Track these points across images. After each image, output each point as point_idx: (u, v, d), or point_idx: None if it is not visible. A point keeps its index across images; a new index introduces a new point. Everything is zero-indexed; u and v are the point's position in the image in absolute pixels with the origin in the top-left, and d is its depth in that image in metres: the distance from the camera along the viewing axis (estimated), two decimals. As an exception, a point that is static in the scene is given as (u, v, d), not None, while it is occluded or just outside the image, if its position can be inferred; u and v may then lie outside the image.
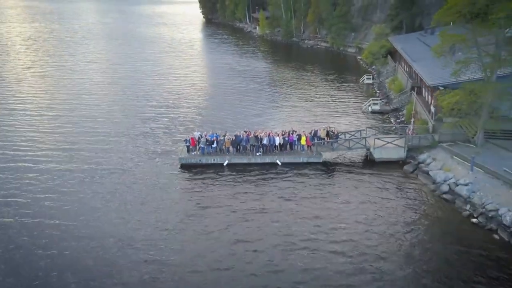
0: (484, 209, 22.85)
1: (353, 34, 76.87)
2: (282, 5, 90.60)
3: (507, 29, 29.83)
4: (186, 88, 52.76)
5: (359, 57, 68.82)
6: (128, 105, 44.90)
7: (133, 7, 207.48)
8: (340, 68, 64.40)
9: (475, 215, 22.86)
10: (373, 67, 60.66)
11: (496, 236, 21.25)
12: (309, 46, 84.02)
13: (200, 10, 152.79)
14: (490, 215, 22.41)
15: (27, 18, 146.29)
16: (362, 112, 41.76)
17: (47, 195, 25.76)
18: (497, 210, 22.36)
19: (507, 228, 21.26)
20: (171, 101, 46.37)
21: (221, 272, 18.89)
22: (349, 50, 75.36)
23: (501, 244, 20.71)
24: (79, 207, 24.52)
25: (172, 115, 41.49)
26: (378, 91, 49.14)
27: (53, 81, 55.29)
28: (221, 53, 78.15)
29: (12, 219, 23.20)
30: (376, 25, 65.85)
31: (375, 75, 56.45)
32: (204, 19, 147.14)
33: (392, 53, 56.86)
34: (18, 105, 44.62)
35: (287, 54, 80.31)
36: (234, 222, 22.87)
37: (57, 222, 22.94)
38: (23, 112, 42.40)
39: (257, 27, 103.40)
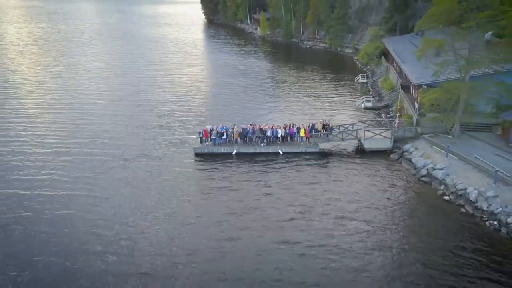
0: (455, 189, 27.05)
1: (350, 35, 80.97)
2: (282, 7, 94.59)
3: (486, 33, 34.37)
4: (194, 86, 56.93)
5: (355, 57, 72.97)
6: (143, 102, 48.99)
7: (133, 7, 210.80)
8: (337, 67, 68.51)
9: (447, 194, 27.08)
10: (368, 67, 64.75)
11: (463, 210, 25.45)
12: (308, 46, 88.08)
13: (202, 11, 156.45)
14: (459, 194, 26.61)
15: (33, 18, 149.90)
16: (356, 108, 45.93)
17: (79, 179, 29.92)
18: (465, 189, 26.56)
19: (472, 203, 25.45)
20: (182, 98, 50.55)
21: (238, 235, 23.05)
22: (346, 50, 79.43)
23: (466, 215, 24.93)
24: (110, 188, 28.67)
25: (184, 110, 45.67)
26: (371, 89, 53.31)
27: (71, 80, 59.31)
28: (224, 53, 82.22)
29: (53, 192, 27.37)
30: (371, 27, 70.05)
31: (370, 75, 60.58)
32: (205, 20, 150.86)
33: (386, 54, 60.86)
34: (44, 102, 48.65)
35: (287, 54, 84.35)
36: (243, 200, 27.02)
37: (91, 199, 27.12)
38: (50, 108, 46.44)
39: (258, 28, 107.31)
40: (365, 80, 57.38)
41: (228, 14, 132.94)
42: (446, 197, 26.85)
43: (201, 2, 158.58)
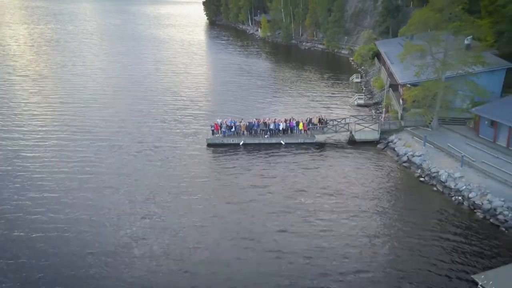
0: (429, 172, 32.12)
1: (346, 37, 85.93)
2: (282, 10, 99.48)
3: (466, 38, 39.40)
4: (203, 84, 62.02)
5: (351, 58, 77.99)
6: (158, 99, 53.97)
7: (135, 7, 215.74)
8: (334, 68, 73.50)
9: (423, 176, 32.16)
10: (362, 67, 69.76)
11: (435, 189, 30.54)
12: (306, 48, 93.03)
13: (204, 12, 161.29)
14: (433, 175, 31.67)
15: (41, 19, 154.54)
16: (349, 105, 50.95)
17: (114, 160, 34.96)
18: (437, 172, 31.62)
19: (442, 183, 30.52)
20: (192, 95, 55.61)
21: (246, 207, 28.07)
22: (343, 52, 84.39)
23: (437, 193, 30.02)
24: (140, 168, 33.70)
25: (196, 106, 50.74)
26: (364, 88, 58.35)
27: (88, 79, 64.26)
28: (228, 54, 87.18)
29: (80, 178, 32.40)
30: (365, 31, 75.09)
31: (363, 75, 65.60)
32: (208, 21, 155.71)
33: (378, 56, 65.82)
34: (70, 97, 53.61)
35: (287, 55, 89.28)
36: (249, 181, 32.05)
37: (115, 181, 32.15)
38: (75, 103, 51.41)
39: (259, 29, 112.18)
40: (359, 80, 62.39)
41: (230, 16, 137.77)
42: (422, 179, 31.93)
43: (204, 4, 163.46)
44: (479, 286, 20.37)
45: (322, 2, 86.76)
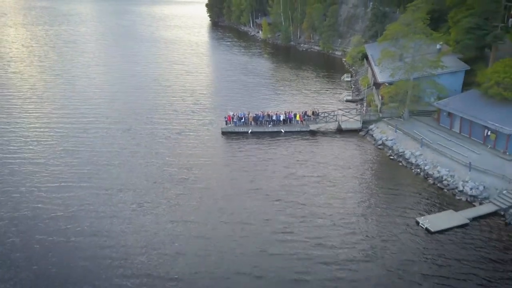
0: (397, 152, 41.15)
1: (339, 40, 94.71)
2: (281, 14, 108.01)
3: (438, 44, 48.36)
4: (214, 82, 71.11)
5: (343, 59, 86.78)
6: (175, 94, 62.78)
7: (139, 8, 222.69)
8: (328, 68, 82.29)
9: (392, 155, 41.21)
10: (353, 67, 78.60)
11: (400, 164, 39.64)
12: (304, 49, 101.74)
13: (207, 14, 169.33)
14: (400, 154, 40.71)
15: (53, 20, 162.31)
16: (339, 100, 59.86)
17: (141, 142, 43.91)
18: (403, 151, 40.66)
19: (406, 160, 39.57)
20: (206, 92, 64.70)
21: (255, 174, 37.02)
22: (336, 53, 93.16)
23: (402, 167, 39.16)
24: (164, 151, 42.63)
25: (209, 101, 59.83)
26: (353, 86, 67.27)
27: (112, 78, 73.00)
28: (234, 54, 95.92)
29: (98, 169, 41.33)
30: (355, 35, 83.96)
31: (353, 74, 74.47)
32: (211, 22, 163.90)
33: (367, 57, 74.62)
34: (103, 93, 62.44)
35: (286, 55, 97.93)
36: (255, 161, 41.02)
37: (140, 160, 41.09)
38: (106, 98, 60.28)
39: (260, 31, 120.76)
40: (349, 79, 71.28)
41: (232, 18, 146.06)
42: (392, 157, 41.03)
43: (207, 5, 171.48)
44: (420, 224, 29.55)
45: (318, 7, 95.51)
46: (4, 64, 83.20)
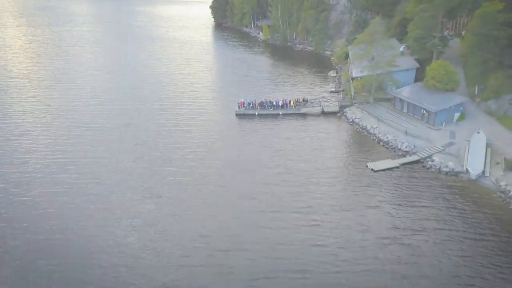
0: (362, 126, 58.03)
1: (329, 41, 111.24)
2: (280, 18, 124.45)
3: (402, 47, 65.16)
4: (226, 76, 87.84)
5: (332, 58, 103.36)
6: (196, 86, 79.36)
7: (146, 8, 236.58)
8: (318, 65, 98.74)
9: (359, 129, 58.14)
10: (339, 65, 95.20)
11: (363, 133, 56.52)
12: (299, 49, 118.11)
13: (212, 15, 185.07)
14: (363, 127, 57.60)
15: (68, 20, 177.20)
16: (325, 91, 76.55)
17: (162, 118, 60.50)
18: (366, 125, 57.54)
19: (368, 131, 56.42)
20: (220, 83, 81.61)
21: (260, 143, 53.69)
22: (326, 53, 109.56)
23: (365, 136, 56.07)
24: (191, 129, 59.21)
25: (224, 90, 76.63)
26: (337, 80, 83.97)
27: (141, 74, 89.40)
28: (240, 53, 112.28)
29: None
30: (340, 39, 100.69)
31: (339, 70, 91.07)
32: (215, 23, 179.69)
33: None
34: (140, 85, 78.85)
35: (283, 54, 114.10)
36: (262, 133, 57.74)
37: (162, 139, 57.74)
38: (143, 90, 76.72)
39: (261, 32, 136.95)
40: (334, 74, 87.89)
41: (235, 20, 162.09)
42: (358, 130, 57.96)
43: (211, 7, 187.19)
44: (368, 167, 46.48)
45: (311, 13, 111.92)
46: (46, 63, 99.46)
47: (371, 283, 30.94)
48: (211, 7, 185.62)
